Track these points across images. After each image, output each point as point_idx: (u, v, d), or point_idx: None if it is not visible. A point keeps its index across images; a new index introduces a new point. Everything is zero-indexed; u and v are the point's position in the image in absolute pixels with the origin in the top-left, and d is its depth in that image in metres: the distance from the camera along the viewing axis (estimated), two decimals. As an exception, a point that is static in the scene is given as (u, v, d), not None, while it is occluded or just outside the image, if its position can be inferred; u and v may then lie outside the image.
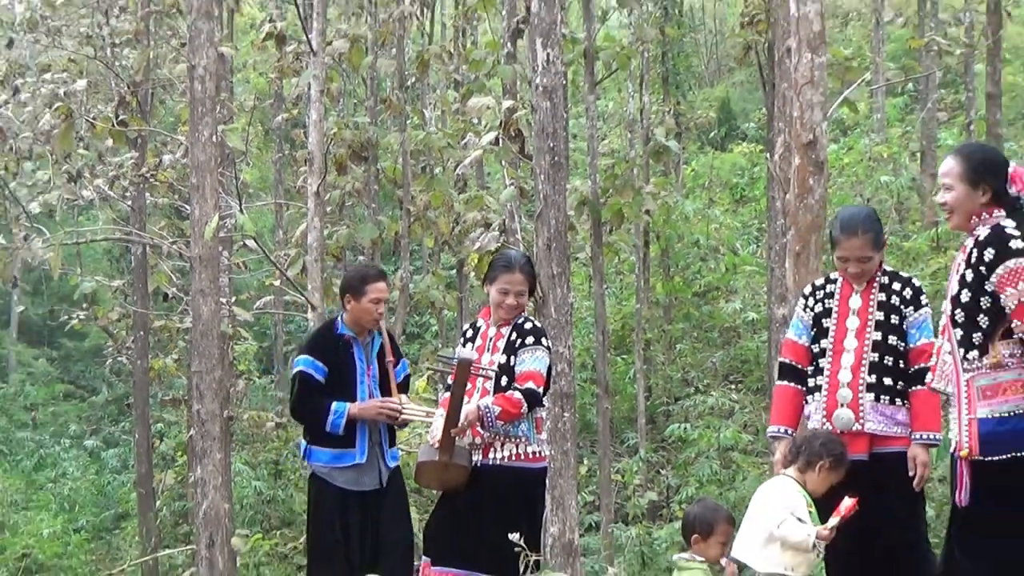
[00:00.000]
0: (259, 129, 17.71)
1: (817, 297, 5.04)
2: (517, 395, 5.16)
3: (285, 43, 13.50)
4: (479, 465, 5.26)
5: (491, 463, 5.26)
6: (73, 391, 28.40)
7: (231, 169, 13.28)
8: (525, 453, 5.29)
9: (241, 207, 10.54)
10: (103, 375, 25.36)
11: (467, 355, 5.25)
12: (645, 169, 15.65)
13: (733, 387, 16.41)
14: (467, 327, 5.67)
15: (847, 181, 17.84)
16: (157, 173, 13.77)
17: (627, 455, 15.68)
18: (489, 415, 5.13)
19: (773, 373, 7.73)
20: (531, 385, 5.20)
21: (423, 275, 15.18)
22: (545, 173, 8.19)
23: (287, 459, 17.49)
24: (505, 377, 5.28)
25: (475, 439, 5.25)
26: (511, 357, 5.30)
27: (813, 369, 4.96)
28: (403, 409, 5.69)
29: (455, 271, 15.38)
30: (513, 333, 5.35)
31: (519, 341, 5.31)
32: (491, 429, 5.19)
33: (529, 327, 5.37)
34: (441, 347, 15.22)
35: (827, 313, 4.97)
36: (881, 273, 4.94)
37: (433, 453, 5.24)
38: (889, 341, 4.83)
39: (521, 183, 10.43)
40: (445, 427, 5.16)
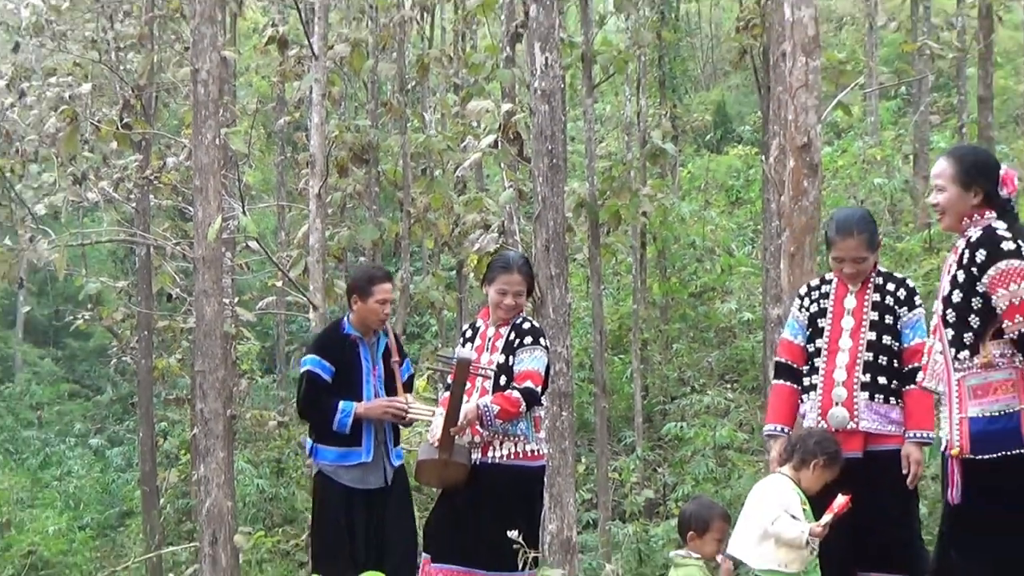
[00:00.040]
0: (261, 132, 17.66)
1: (812, 297, 5.04)
2: (516, 394, 5.17)
3: (287, 47, 13.48)
4: (478, 463, 5.27)
5: (490, 461, 5.27)
6: (78, 390, 28.37)
7: (234, 171, 13.25)
8: (524, 451, 5.30)
9: (244, 209, 10.53)
10: (108, 375, 25.34)
11: (466, 355, 5.26)
12: (642, 171, 15.63)
13: (729, 386, 16.39)
14: (466, 327, 5.67)
15: (841, 183, 17.82)
16: (161, 175, 13.76)
17: (624, 453, 15.66)
18: (488, 414, 5.13)
19: (768, 372, 7.72)
20: (529, 384, 5.20)
21: (423, 276, 15.14)
22: (543, 175, 8.19)
23: (289, 457, 17.48)
24: (504, 376, 5.28)
25: (474, 438, 5.26)
26: (510, 357, 5.31)
27: (808, 368, 4.96)
28: (409, 408, 5.70)
29: (455, 272, 15.36)
30: (512, 333, 5.35)
31: (517, 341, 5.31)
32: (490, 428, 5.20)
33: (527, 327, 5.38)
34: (441, 347, 15.21)
35: (822, 313, 4.97)
36: (876, 274, 4.95)
37: (433, 451, 5.24)
38: (883, 341, 4.83)
39: (520, 185, 10.42)
40: (445, 426, 5.16)
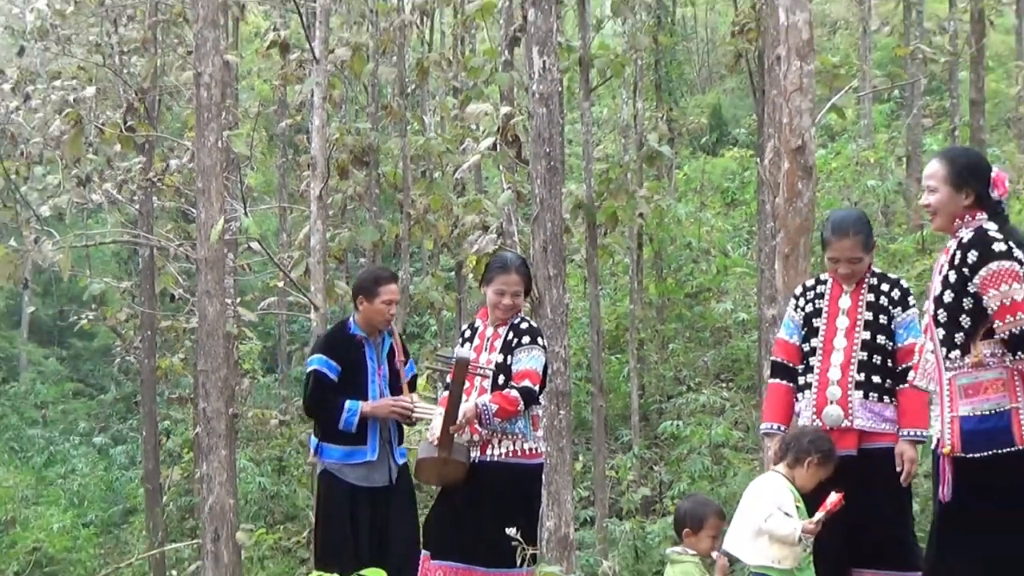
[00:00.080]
0: (263, 135, 17.65)
1: (808, 298, 5.04)
2: (514, 393, 5.16)
3: (289, 51, 13.50)
4: (477, 461, 5.26)
5: (489, 459, 5.27)
6: (82, 389, 28.36)
7: (236, 173, 13.24)
8: (522, 450, 5.29)
9: (246, 211, 10.53)
10: (111, 374, 25.31)
11: (465, 355, 5.25)
12: (639, 173, 15.61)
13: (724, 385, 16.40)
14: (465, 327, 5.68)
15: (835, 185, 17.83)
16: (164, 177, 13.77)
17: (621, 452, 15.65)
18: (487, 413, 5.13)
19: (763, 372, 7.73)
20: (527, 383, 5.20)
21: (423, 276, 15.15)
22: (541, 177, 8.19)
23: (290, 456, 17.48)
24: (502, 376, 5.28)
25: (473, 436, 5.25)
26: (508, 356, 5.30)
27: (804, 367, 4.96)
28: (415, 408, 5.70)
29: (454, 273, 15.35)
30: (510, 333, 5.35)
31: (516, 341, 5.31)
32: (489, 426, 5.19)
33: (525, 327, 5.38)
34: (440, 347, 15.20)
35: (817, 313, 4.97)
36: (870, 275, 4.95)
37: (432, 450, 5.24)
38: (878, 340, 4.83)
39: (518, 187, 10.42)
40: (444, 424, 5.16)
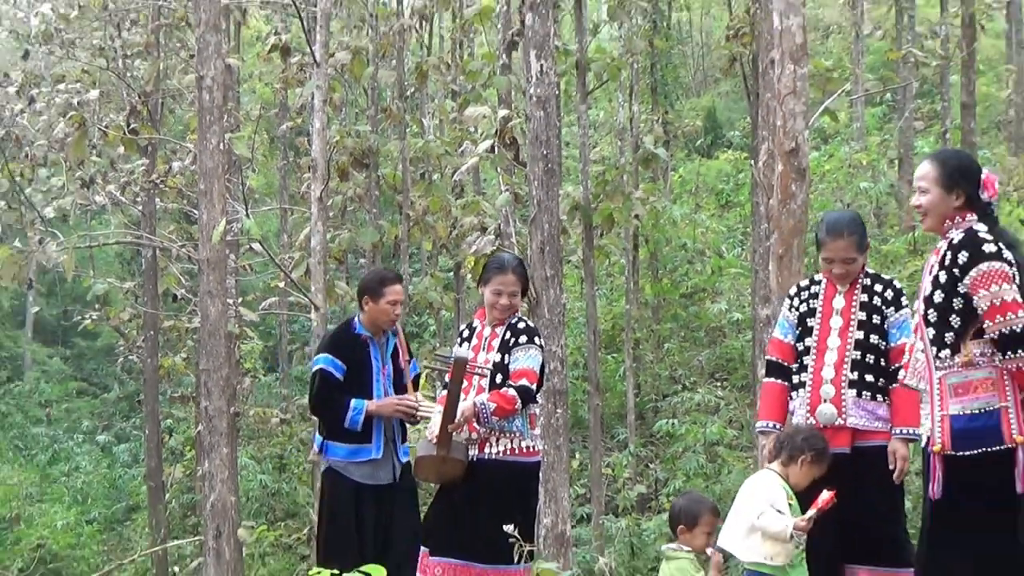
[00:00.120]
0: (264, 137, 17.65)
1: (802, 298, 5.05)
2: (511, 392, 5.16)
3: (290, 55, 13.50)
4: (475, 459, 5.26)
5: (487, 457, 5.26)
6: (86, 388, 28.34)
7: (238, 175, 13.23)
8: (519, 448, 5.29)
9: (247, 212, 10.54)
10: (115, 373, 25.27)
11: (463, 354, 5.26)
12: (634, 175, 15.62)
13: (719, 384, 16.37)
14: (464, 327, 5.67)
15: (828, 187, 17.81)
16: (167, 179, 13.78)
17: (617, 450, 15.62)
18: (485, 411, 5.13)
19: (757, 371, 7.73)
20: (525, 382, 5.20)
21: (422, 277, 15.14)
22: (539, 179, 8.19)
23: (291, 454, 17.47)
24: (500, 375, 5.27)
25: (471, 434, 5.25)
26: (505, 356, 5.30)
27: (798, 366, 4.97)
28: (419, 406, 5.71)
29: (452, 273, 15.35)
30: (507, 332, 5.35)
31: (513, 340, 5.31)
32: (487, 425, 5.19)
33: (523, 327, 5.38)
34: (439, 346, 15.20)
35: (811, 313, 4.98)
36: (864, 275, 4.96)
37: (431, 448, 5.23)
38: (871, 340, 4.84)
39: (516, 189, 10.43)
40: (443, 423, 5.16)
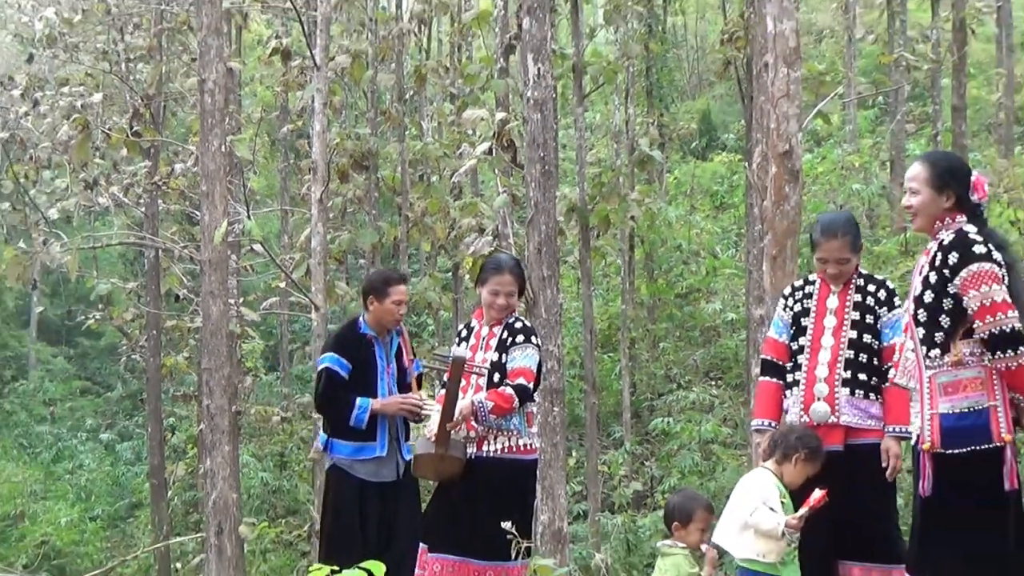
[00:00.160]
0: (266, 139, 17.64)
1: (796, 297, 5.05)
2: (509, 391, 5.16)
3: (290, 58, 13.47)
4: (473, 457, 5.25)
5: (485, 455, 5.26)
6: (89, 387, 28.34)
7: (239, 177, 13.23)
8: (517, 446, 5.28)
9: (249, 213, 10.55)
10: (118, 372, 25.30)
11: (461, 353, 5.25)
12: (630, 177, 15.61)
13: (713, 383, 16.38)
14: (462, 327, 5.66)
15: (821, 189, 17.83)
16: (169, 181, 13.76)
17: (613, 447, 15.64)
18: (483, 410, 5.12)
19: (751, 370, 7.73)
20: (522, 381, 5.19)
21: (421, 277, 15.13)
22: (536, 181, 8.18)
23: (292, 451, 17.48)
24: (497, 374, 5.27)
25: (469, 432, 5.24)
26: (503, 355, 5.29)
27: (792, 365, 4.97)
28: (423, 405, 5.71)
29: (451, 274, 15.35)
30: (505, 332, 5.34)
31: (510, 340, 5.30)
32: (484, 423, 5.19)
33: (520, 326, 5.37)
34: (437, 346, 15.21)
35: (806, 312, 4.98)
36: (857, 275, 4.96)
37: (430, 446, 5.23)
38: (864, 339, 4.85)
39: (513, 190, 10.43)
40: (441, 421, 5.15)
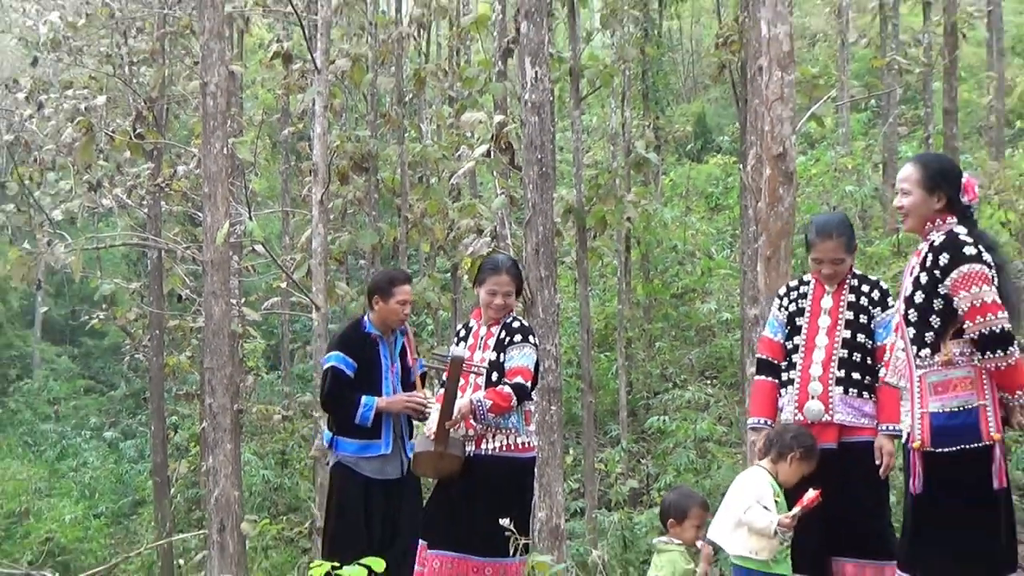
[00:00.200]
0: (267, 142, 17.64)
1: (791, 297, 5.06)
2: (507, 389, 5.16)
3: (291, 62, 13.47)
4: (472, 455, 5.25)
5: (483, 453, 5.25)
6: (93, 386, 28.34)
7: (241, 179, 13.23)
8: (515, 444, 5.28)
9: (250, 214, 10.54)
10: (121, 371, 25.29)
11: (460, 353, 5.25)
12: (627, 179, 15.63)
13: (708, 382, 16.38)
14: (460, 327, 5.66)
15: (814, 190, 17.84)
16: (172, 183, 13.75)
17: (610, 445, 15.62)
18: (481, 408, 5.12)
19: (746, 369, 7.73)
20: (520, 380, 5.19)
21: (420, 278, 15.11)
22: (533, 183, 8.19)
23: (293, 449, 17.48)
24: (495, 373, 5.26)
25: (468, 431, 5.24)
26: (501, 354, 5.29)
27: (787, 364, 4.97)
28: (428, 403, 5.71)
29: (450, 274, 15.35)
30: (503, 332, 5.34)
31: (508, 339, 5.30)
32: (483, 421, 5.18)
33: (517, 326, 5.37)
34: (436, 345, 15.21)
35: (800, 312, 4.99)
36: (851, 276, 4.97)
37: (429, 444, 5.22)
38: (858, 339, 4.85)
39: (511, 192, 10.43)
40: (440, 420, 5.14)
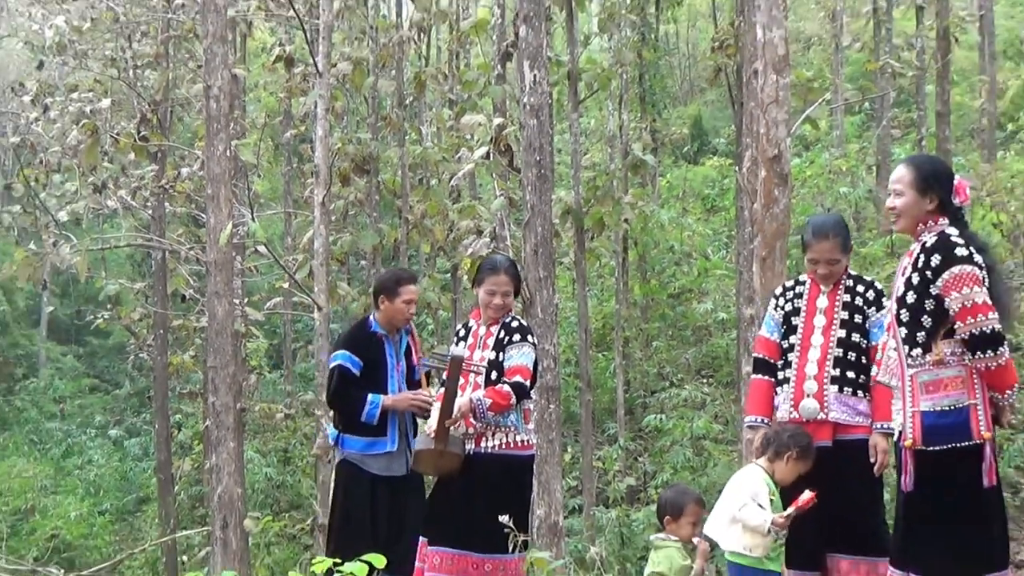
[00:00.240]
0: (269, 144, 17.65)
1: (787, 297, 5.06)
2: (506, 388, 5.16)
3: (293, 65, 13.48)
4: (472, 453, 5.25)
5: (483, 451, 5.25)
6: (98, 385, 28.34)
7: (244, 181, 13.26)
8: (514, 442, 5.28)
9: (253, 216, 10.55)
10: (126, 370, 25.29)
11: (459, 352, 5.25)
12: (624, 181, 15.62)
13: (705, 381, 16.37)
14: (460, 327, 5.66)
15: (809, 192, 17.81)
16: (175, 184, 13.77)
17: (607, 443, 15.61)
18: (481, 407, 5.12)
19: (742, 368, 7.73)
20: (519, 379, 5.19)
21: (420, 278, 15.11)
22: (532, 184, 8.19)
23: (295, 447, 17.47)
24: (495, 372, 5.27)
25: (468, 429, 5.24)
26: (500, 353, 5.29)
27: (783, 363, 4.97)
28: (432, 402, 5.71)
29: (450, 274, 15.35)
30: (502, 331, 5.34)
31: (507, 339, 5.30)
32: (483, 420, 5.18)
33: (516, 325, 5.37)
34: (436, 345, 15.20)
35: (796, 312, 4.99)
36: (846, 276, 4.97)
37: (430, 442, 5.23)
38: (852, 338, 4.85)
39: (510, 194, 10.42)
40: (440, 418, 5.15)
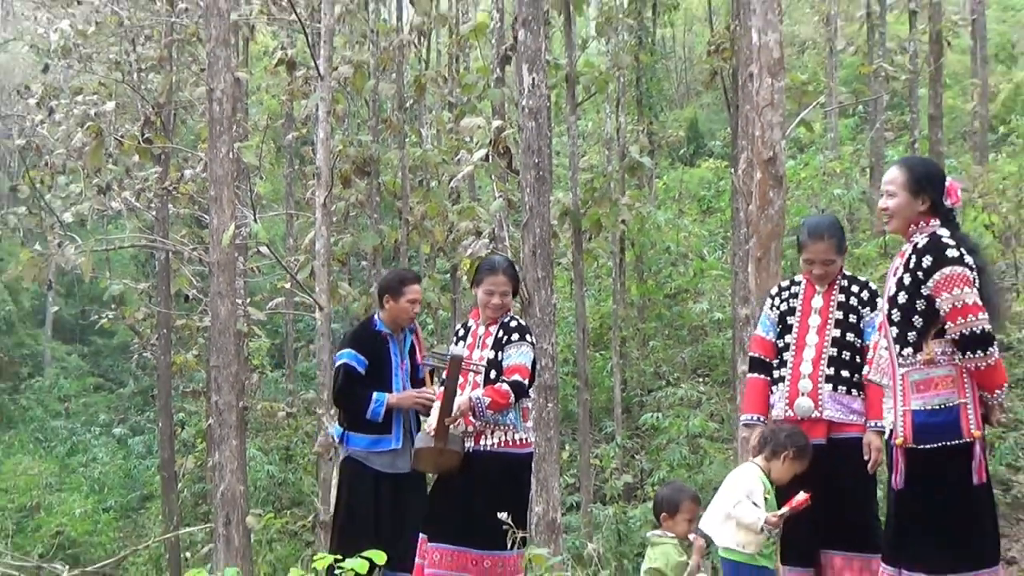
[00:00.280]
0: (271, 146, 17.64)
1: (783, 297, 5.06)
2: (505, 387, 5.16)
3: (295, 68, 13.48)
4: (471, 451, 5.25)
5: (482, 449, 5.25)
6: (102, 384, 28.32)
7: (246, 182, 13.24)
8: (513, 440, 5.28)
9: (255, 217, 10.53)
10: (130, 369, 25.28)
11: (458, 352, 5.25)
12: (621, 183, 15.63)
13: (700, 380, 16.38)
14: (459, 326, 5.65)
15: (804, 194, 17.82)
16: (179, 186, 13.77)
17: (604, 442, 15.62)
18: (480, 405, 5.12)
19: (737, 367, 7.74)
20: (517, 378, 5.19)
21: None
22: (531, 186, 8.19)
23: (297, 445, 17.48)
24: (494, 371, 5.27)
25: (467, 427, 5.24)
26: (499, 353, 5.29)
27: (778, 362, 4.98)
28: (435, 400, 5.72)
29: (449, 275, 15.36)
30: (500, 331, 5.35)
31: (506, 338, 5.30)
32: (482, 418, 5.18)
33: (515, 325, 5.37)
34: (436, 344, 15.21)
35: (791, 311, 4.99)
36: (841, 277, 4.98)
37: (429, 440, 5.23)
38: (847, 338, 4.86)
39: (509, 195, 10.42)
40: (440, 417, 5.15)
